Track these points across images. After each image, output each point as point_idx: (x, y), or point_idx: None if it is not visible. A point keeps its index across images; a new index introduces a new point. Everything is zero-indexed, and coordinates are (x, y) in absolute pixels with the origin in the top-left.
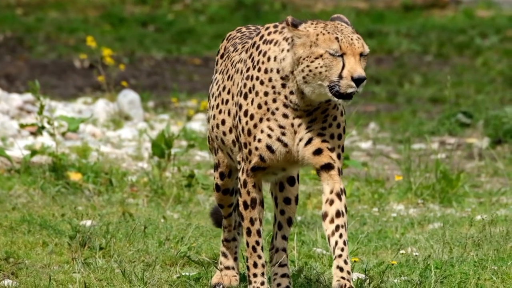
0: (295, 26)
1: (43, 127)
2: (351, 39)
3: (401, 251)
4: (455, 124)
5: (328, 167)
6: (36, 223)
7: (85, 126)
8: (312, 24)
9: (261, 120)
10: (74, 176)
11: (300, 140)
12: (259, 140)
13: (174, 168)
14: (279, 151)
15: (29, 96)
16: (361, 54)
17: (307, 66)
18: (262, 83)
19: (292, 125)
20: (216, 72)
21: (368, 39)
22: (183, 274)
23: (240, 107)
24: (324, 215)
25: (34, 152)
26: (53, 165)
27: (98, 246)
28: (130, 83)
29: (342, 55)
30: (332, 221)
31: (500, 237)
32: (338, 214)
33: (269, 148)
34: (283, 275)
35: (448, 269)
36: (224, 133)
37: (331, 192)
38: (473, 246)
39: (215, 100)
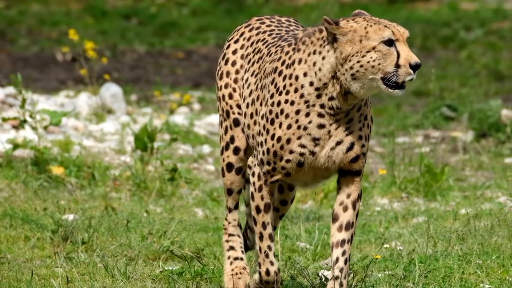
0: (337, 24)
1: (25, 121)
2: (394, 26)
3: (385, 245)
4: (440, 117)
5: (356, 173)
6: (18, 217)
7: (68, 119)
8: (348, 20)
9: (288, 141)
10: (57, 170)
11: (338, 143)
12: (288, 161)
13: (157, 162)
14: (307, 163)
15: (11, 89)
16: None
17: (358, 62)
18: (292, 103)
19: (329, 131)
20: (228, 60)
21: None
22: (166, 268)
23: (268, 131)
24: (334, 218)
25: (16, 146)
26: (35, 159)
27: (81, 241)
28: (112, 77)
29: (394, 44)
30: (340, 229)
31: (485, 231)
32: (348, 225)
33: (299, 164)
34: None
35: (433, 263)
36: None
37: (348, 196)
38: (457, 240)
39: (248, 107)
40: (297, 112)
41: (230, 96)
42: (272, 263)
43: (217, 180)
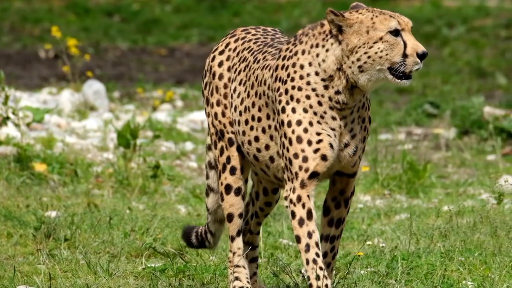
0: (343, 15)
1: (8, 118)
2: (399, 16)
3: (368, 242)
4: (422, 114)
5: (352, 175)
6: (1, 214)
7: (50, 116)
8: (351, 12)
9: (310, 123)
10: (39, 167)
11: (346, 146)
12: (319, 141)
13: (139, 159)
14: (336, 150)
15: None
16: None
17: (365, 53)
18: (300, 89)
19: (340, 126)
20: (215, 73)
21: None
22: (149, 265)
23: (282, 123)
24: (326, 211)
25: None
26: (18, 156)
27: (63, 237)
28: (95, 74)
29: (400, 34)
30: (331, 224)
31: (467, 228)
32: (339, 222)
33: (331, 145)
34: (253, 259)
35: (415, 260)
36: (258, 150)
37: (342, 193)
38: (440, 237)
39: (241, 115)
40: (308, 97)
41: (223, 114)
42: (321, 268)
43: (200, 177)
